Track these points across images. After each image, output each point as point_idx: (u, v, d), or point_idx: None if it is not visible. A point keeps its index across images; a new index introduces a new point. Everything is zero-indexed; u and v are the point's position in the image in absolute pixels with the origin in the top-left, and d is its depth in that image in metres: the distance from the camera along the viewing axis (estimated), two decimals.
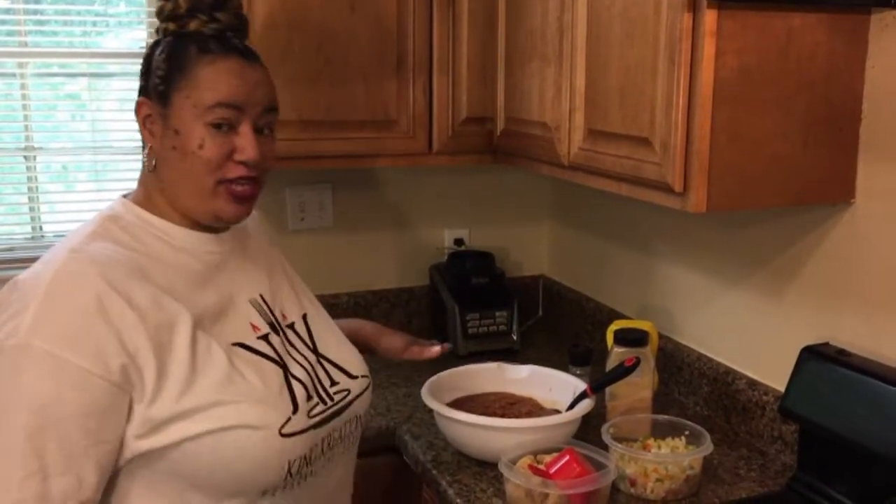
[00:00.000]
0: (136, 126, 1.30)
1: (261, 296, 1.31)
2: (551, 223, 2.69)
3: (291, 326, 1.34)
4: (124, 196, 1.29)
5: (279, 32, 1.94)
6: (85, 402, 1.06)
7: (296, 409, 1.20)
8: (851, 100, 1.49)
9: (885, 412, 1.40)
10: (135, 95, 1.32)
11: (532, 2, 1.86)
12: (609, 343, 1.87)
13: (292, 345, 1.31)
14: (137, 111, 1.24)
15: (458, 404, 1.77)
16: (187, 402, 1.11)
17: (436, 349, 1.67)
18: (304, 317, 1.38)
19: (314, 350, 1.34)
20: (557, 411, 1.77)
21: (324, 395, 1.28)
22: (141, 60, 1.27)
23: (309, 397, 1.24)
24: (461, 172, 2.53)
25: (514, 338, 2.34)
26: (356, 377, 1.37)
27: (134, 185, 1.24)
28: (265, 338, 1.26)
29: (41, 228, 2.26)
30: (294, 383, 1.24)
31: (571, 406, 1.72)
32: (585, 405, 1.70)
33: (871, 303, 1.53)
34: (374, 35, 2.02)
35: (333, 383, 1.32)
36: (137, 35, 2.26)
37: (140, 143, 1.29)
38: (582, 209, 2.51)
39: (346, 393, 1.32)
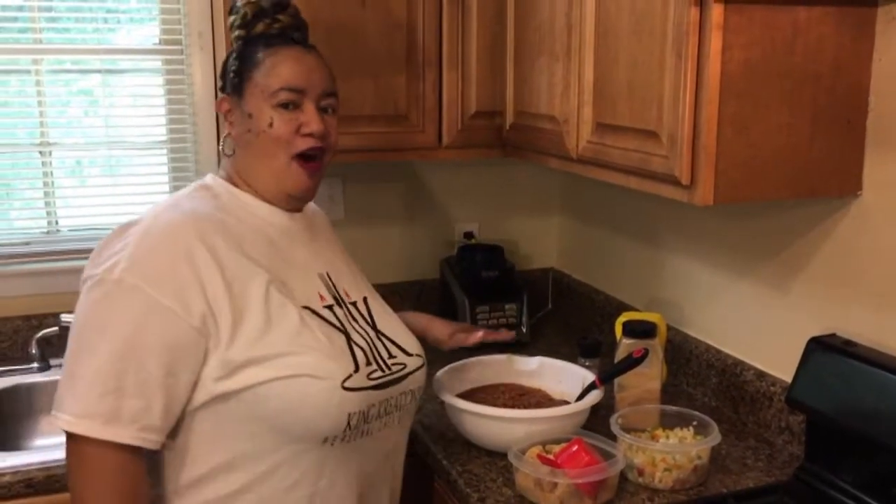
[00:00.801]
0: (148, 121, 1.35)
1: (327, 273, 1.45)
2: (560, 216, 2.70)
3: (354, 304, 1.46)
4: (213, 174, 1.45)
5: None
6: (164, 336, 1.20)
7: (357, 368, 1.32)
8: (858, 92, 1.49)
9: (891, 402, 1.41)
10: (147, 91, 1.36)
11: None
12: (618, 335, 1.88)
13: (354, 319, 1.42)
14: (219, 108, 1.43)
15: (468, 395, 1.79)
16: (261, 350, 1.24)
17: (478, 334, 1.76)
18: (364, 299, 1.49)
19: (373, 327, 1.45)
20: (566, 402, 1.78)
21: (382, 363, 1.38)
22: (153, 56, 1.32)
23: (368, 362, 1.36)
24: (471, 166, 2.55)
25: (524, 330, 2.35)
26: (412, 355, 1.46)
27: (148, 179, 1.29)
28: (330, 308, 1.38)
29: (57, 223, 2.28)
30: (355, 348, 1.36)
31: (580, 397, 1.74)
32: (594, 396, 1.72)
33: (878, 294, 1.54)
34: (385, 30, 2.04)
35: (391, 356, 1.42)
36: (149, 31, 2.27)
37: (160, 139, 1.31)
38: (591, 202, 2.52)
39: (402, 366, 1.42)
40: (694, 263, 2.05)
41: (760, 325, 1.84)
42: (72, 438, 1.20)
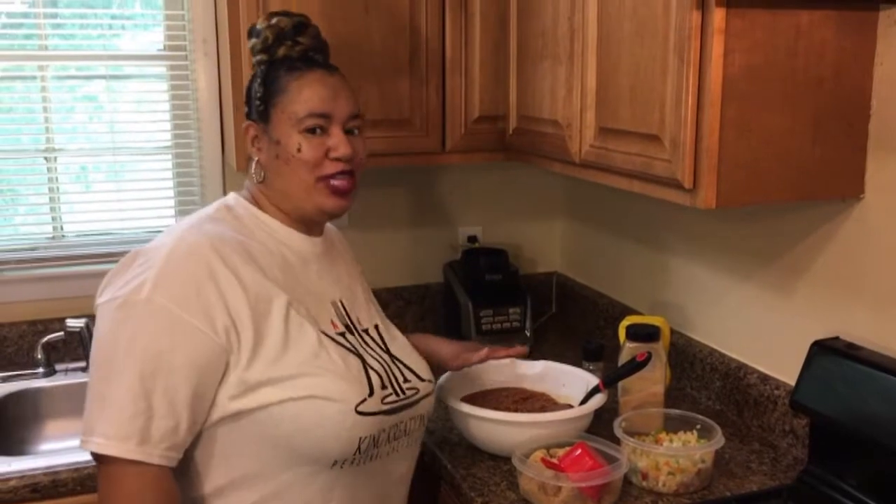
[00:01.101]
0: (152, 127, 1.35)
1: (340, 300, 1.45)
2: (564, 220, 2.70)
3: (366, 331, 1.46)
4: (236, 193, 1.46)
5: None
6: (192, 355, 1.21)
7: (371, 392, 1.34)
8: (860, 96, 1.50)
9: (894, 405, 1.41)
10: (151, 97, 1.37)
11: (543, 2, 1.88)
12: (621, 338, 1.88)
13: (368, 345, 1.43)
14: (245, 134, 1.43)
15: (472, 399, 1.79)
16: (278, 370, 1.26)
17: (483, 352, 1.73)
18: (377, 326, 1.50)
19: (387, 352, 1.46)
20: (570, 406, 1.79)
21: (397, 388, 1.40)
22: (157, 62, 1.31)
23: (384, 386, 1.37)
24: (474, 170, 2.55)
25: (528, 334, 2.36)
26: (424, 380, 1.48)
27: (153, 184, 1.29)
28: (342, 335, 1.39)
29: (62, 228, 2.29)
30: (371, 372, 1.37)
31: (584, 401, 1.74)
32: (598, 400, 1.72)
33: (881, 297, 1.54)
34: (388, 35, 2.04)
35: (406, 380, 1.43)
36: (154, 37, 2.28)
37: (164, 145, 1.32)
38: (594, 206, 2.53)
39: (415, 391, 1.43)
40: (697, 267, 2.05)
41: (764, 329, 1.84)
42: (103, 460, 1.20)
